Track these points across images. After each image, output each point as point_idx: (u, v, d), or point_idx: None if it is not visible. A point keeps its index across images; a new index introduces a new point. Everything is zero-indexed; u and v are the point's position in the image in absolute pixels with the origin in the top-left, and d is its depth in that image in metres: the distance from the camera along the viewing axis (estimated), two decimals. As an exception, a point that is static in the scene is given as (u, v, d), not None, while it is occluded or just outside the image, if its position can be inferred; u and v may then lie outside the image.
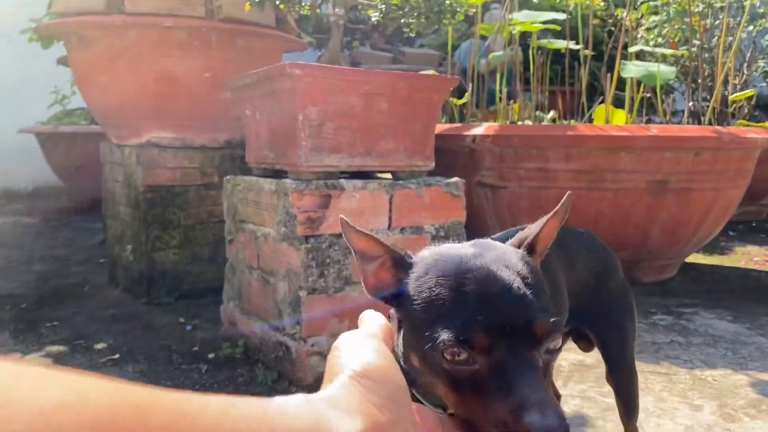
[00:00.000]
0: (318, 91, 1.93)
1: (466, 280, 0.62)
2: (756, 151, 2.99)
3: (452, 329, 0.59)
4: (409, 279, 0.66)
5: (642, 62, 3.18)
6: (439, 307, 0.62)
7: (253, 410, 0.39)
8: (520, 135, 2.85)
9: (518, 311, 0.61)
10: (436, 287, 0.63)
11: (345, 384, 0.47)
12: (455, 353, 0.59)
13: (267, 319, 2.09)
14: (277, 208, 1.97)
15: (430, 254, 0.68)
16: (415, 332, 0.63)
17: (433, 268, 0.64)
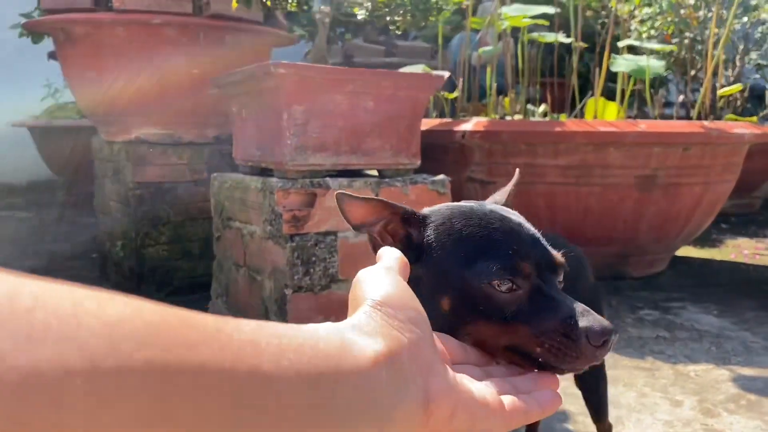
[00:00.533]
0: (303, 90, 1.93)
1: (491, 220, 0.67)
2: (744, 146, 3.00)
3: (497, 260, 0.63)
4: (428, 229, 0.68)
5: (632, 56, 3.18)
6: (474, 245, 0.65)
7: (287, 330, 0.42)
8: (509, 131, 2.85)
9: (540, 244, 0.67)
10: (466, 228, 0.66)
11: (367, 311, 0.51)
12: (500, 282, 0.63)
13: (253, 316, 2.09)
14: (262, 206, 1.98)
15: (437, 208, 0.71)
16: (445, 275, 0.66)
17: (454, 215, 0.68)
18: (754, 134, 2.87)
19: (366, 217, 0.68)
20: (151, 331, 0.33)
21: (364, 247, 2.18)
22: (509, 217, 0.69)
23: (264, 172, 2.13)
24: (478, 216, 0.68)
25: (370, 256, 1.59)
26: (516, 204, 2.73)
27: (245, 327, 0.39)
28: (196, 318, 0.37)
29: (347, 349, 0.45)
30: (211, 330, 0.37)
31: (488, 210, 0.69)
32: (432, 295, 0.66)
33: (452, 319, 0.65)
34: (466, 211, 0.69)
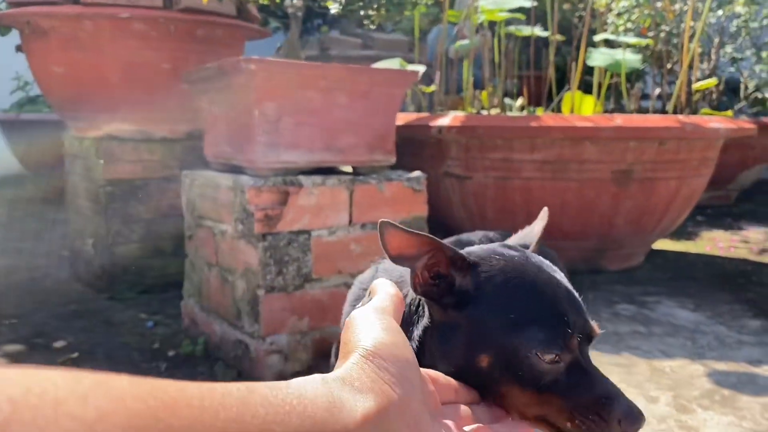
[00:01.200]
0: (274, 86, 1.89)
1: (543, 280, 0.65)
2: (719, 140, 3.01)
3: (549, 331, 0.62)
4: (478, 278, 0.65)
5: (608, 49, 3.18)
6: (525, 308, 0.63)
7: (273, 395, 0.41)
8: (485, 126, 2.83)
9: (584, 313, 0.66)
10: (519, 288, 0.64)
11: (358, 362, 0.50)
12: (546, 352, 0.61)
13: (226, 317, 2.06)
14: (234, 204, 1.94)
15: (486, 254, 0.68)
16: (490, 333, 0.63)
17: (507, 270, 0.65)
18: (729, 129, 2.88)
19: (406, 250, 0.65)
20: (134, 424, 0.33)
21: (339, 246, 2.15)
22: (557, 277, 0.67)
23: (235, 169, 2.09)
24: (530, 273, 0.66)
25: (345, 256, 1.56)
26: (493, 199, 2.72)
27: (230, 401, 0.39)
28: (180, 400, 0.36)
29: (336, 411, 0.44)
30: (196, 412, 0.36)
31: (536, 266, 0.67)
32: (471, 348, 0.64)
33: (487, 377, 0.63)
34: (518, 266, 0.66)
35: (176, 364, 2.11)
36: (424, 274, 0.67)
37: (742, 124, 3.04)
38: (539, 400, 0.62)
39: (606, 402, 0.61)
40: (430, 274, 0.67)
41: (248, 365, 1.95)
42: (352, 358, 0.51)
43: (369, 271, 1.14)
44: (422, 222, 2.18)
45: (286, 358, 1.93)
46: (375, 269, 1.15)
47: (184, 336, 2.28)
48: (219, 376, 2.00)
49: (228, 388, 0.40)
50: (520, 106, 3.57)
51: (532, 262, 0.67)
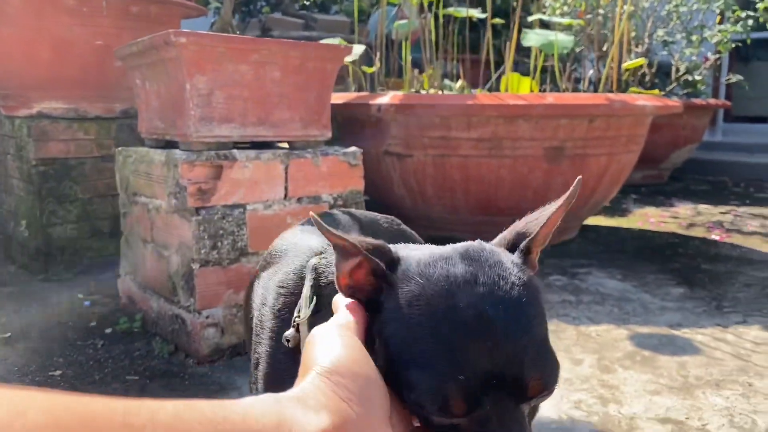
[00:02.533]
0: (205, 60, 1.89)
1: (453, 321, 0.54)
2: (647, 117, 3.13)
3: (428, 387, 0.52)
4: (390, 297, 0.58)
5: (543, 31, 3.26)
6: (417, 351, 0.54)
7: (212, 413, 0.38)
8: (423, 104, 2.88)
9: (509, 366, 0.53)
10: (418, 325, 0.54)
11: (314, 380, 0.47)
12: (430, 412, 0.53)
13: (162, 292, 2.07)
14: (167, 179, 1.94)
15: (416, 268, 0.58)
16: (387, 361, 0.56)
17: (417, 296, 0.56)
18: (656, 106, 3.00)
19: (342, 246, 0.60)
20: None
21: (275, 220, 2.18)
22: (484, 318, 0.53)
23: (169, 144, 2.08)
24: (446, 307, 0.54)
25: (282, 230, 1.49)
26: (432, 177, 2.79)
27: (162, 417, 0.35)
28: (101, 414, 0.32)
29: (284, 428, 0.41)
30: (117, 428, 0.32)
31: (465, 299, 0.54)
32: (379, 362, 0.56)
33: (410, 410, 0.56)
34: (434, 297, 0.55)
35: (113, 340, 2.10)
36: (353, 274, 0.60)
37: (668, 102, 3.17)
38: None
39: None
40: (359, 276, 0.60)
41: (185, 339, 1.96)
42: (309, 377, 0.48)
43: (289, 232, 1.09)
44: (359, 196, 2.22)
45: (222, 331, 1.94)
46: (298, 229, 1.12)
47: (122, 314, 2.27)
48: (156, 350, 2.01)
49: (162, 403, 0.36)
50: (459, 88, 3.63)
51: (461, 294, 0.55)
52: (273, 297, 0.84)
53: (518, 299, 0.55)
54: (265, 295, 0.88)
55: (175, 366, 1.93)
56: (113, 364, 1.94)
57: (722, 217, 4.18)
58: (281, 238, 1.03)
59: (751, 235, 3.64)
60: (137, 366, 1.93)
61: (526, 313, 0.55)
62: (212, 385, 1.82)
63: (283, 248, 0.96)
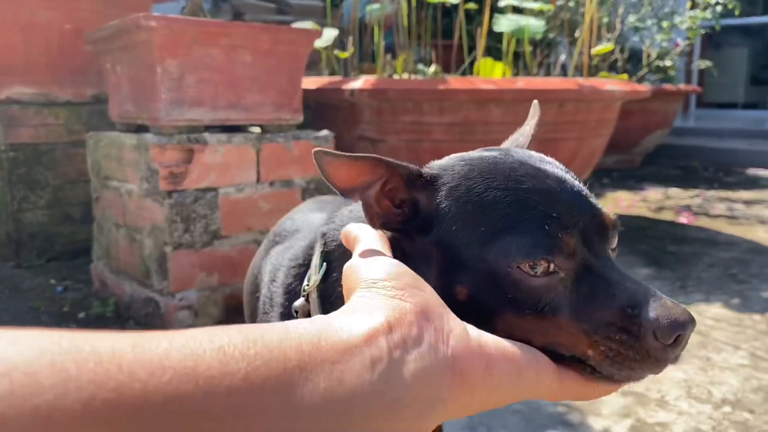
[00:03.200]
0: (176, 44, 1.90)
1: (520, 176, 0.53)
2: (616, 102, 3.18)
3: (528, 235, 0.49)
4: (439, 193, 0.55)
5: (515, 16, 3.29)
6: (497, 213, 0.51)
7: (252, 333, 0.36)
8: (396, 89, 2.90)
9: (585, 205, 0.53)
10: (488, 189, 0.52)
11: (360, 294, 0.46)
12: (533, 264, 0.49)
13: (135, 276, 2.07)
14: (139, 163, 1.94)
15: (450, 162, 0.58)
16: (460, 255, 0.52)
17: (472, 172, 0.54)
18: (624, 91, 3.05)
19: (356, 179, 0.54)
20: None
21: (248, 204, 2.19)
22: (544, 168, 0.55)
23: (140, 128, 2.08)
24: (504, 171, 0.53)
25: (254, 213, 1.44)
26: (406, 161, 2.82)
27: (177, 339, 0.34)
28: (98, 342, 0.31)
29: (326, 335, 0.39)
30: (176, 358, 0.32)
31: (517, 161, 0.55)
32: (444, 279, 0.53)
33: (471, 312, 0.50)
34: (487, 165, 0.55)
35: (86, 325, 2.10)
36: (381, 203, 0.56)
37: (636, 87, 3.22)
38: (543, 326, 0.49)
39: (634, 312, 0.47)
40: (388, 201, 0.56)
41: (159, 322, 1.97)
42: (355, 294, 0.47)
43: (297, 211, 1.08)
44: (331, 180, 2.24)
45: (196, 313, 1.96)
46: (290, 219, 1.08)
47: (95, 298, 2.27)
48: (130, 334, 2.02)
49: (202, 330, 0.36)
50: (434, 73, 3.65)
51: (508, 160, 0.55)
52: (284, 272, 0.81)
53: (560, 164, 0.60)
54: (275, 272, 0.85)
55: (148, 349, 1.94)
56: (87, 347, 1.95)
57: (691, 200, 4.27)
58: (290, 217, 1.02)
59: (717, 217, 3.73)
60: (111, 349, 1.94)
61: (570, 172, 0.59)
62: (186, 366, 1.84)
63: (293, 227, 0.95)
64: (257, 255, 1.02)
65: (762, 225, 3.54)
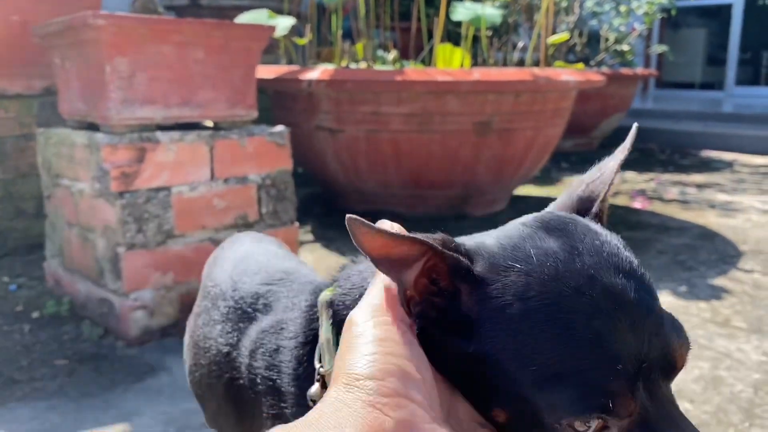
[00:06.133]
0: (126, 42, 1.87)
1: (586, 303, 0.45)
2: (571, 91, 3.23)
3: (584, 389, 0.43)
4: (482, 299, 0.47)
5: (471, 4, 3.30)
6: (555, 353, 0.44)
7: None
8: (353, 79, 2.90)
9: (659, 339, 0.46)
10: (548, 321, 0.44)
11: (337, 395, 0.41)
12: (587, 422, 0.43)
13: (90, 275, 2.06)
14: (90, 163, 1.92)
15: (502, 253, 0.48)
16: (503, 384, 0.46)
17: (531, 289, 0.46)
18: (579, 81, 3.10)
19: (394, 252, 0.48)
20: None
21: (201, 202, 2.18)
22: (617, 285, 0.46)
23: (92, 126, 2.06)
24: (567, 291, 0.45)
25: (208, 212, 1.38)
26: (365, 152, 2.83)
27: None
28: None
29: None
30: None
31: (586, 271, 0.46)
32: (481, 394, 0.48)
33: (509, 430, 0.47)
34: (549, 278, 0.46)
35: (41, 325, 2.09)
36: (420, 284, 0.49)
37: (590, 76, 3.28)
38: None
39: None
40: (428, 286, 0.49)
41: (114, 322, 1.97)
42: (332, 392, 0.42)
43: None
44: (287, 175, 2.24)
45: (151, 313, 1.96)
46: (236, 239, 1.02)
47: (49, 297, 2.25)
48: (85, 334, 2.01)
49: None
50: (393, 60, 3.65)
51: (575, 267, 0.46)
52: (287, 356, 0.68)
53: (632, 264, 0.48)
54: (272, 356, 0.70)
55: (104, 349, 1.94)
56: (41, 348, 1.94)
57: (646, 185, 4.37)
58: (237, 278, 0.84)
59: (671, 202, 3.83)
60: (66, 350, 1.93)
61: (644, 276, 0.49)
62: (142, 366, 1.84)
63: (265, 290, 0.79)
64: (211, 324, 0.84)
65: (712, 209, 3.65)
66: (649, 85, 9.27)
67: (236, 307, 0.80)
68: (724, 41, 8.90)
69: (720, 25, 9.20)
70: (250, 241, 1.00)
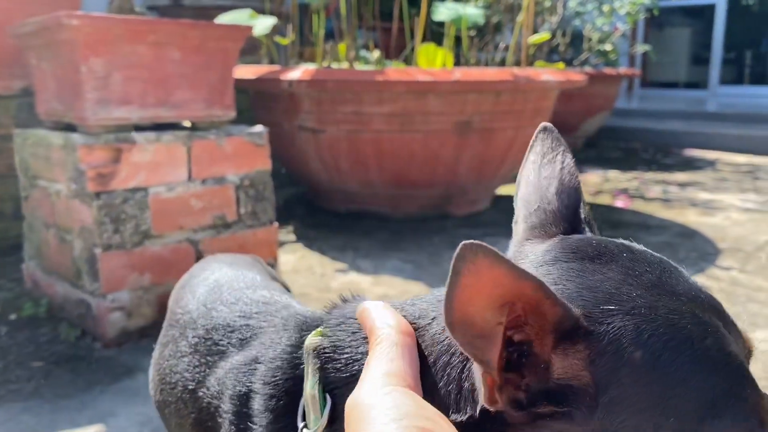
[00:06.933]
0: (101, 42, 1.86)
1: (690, 324, 0.41)
2: (551, 91, 3.25)
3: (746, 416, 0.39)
4: (599, 357, 0.39)
5: (453, 4, 3.31)
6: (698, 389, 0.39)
7: None
8: (334, 79, 2.90)
9: (741, 337, 0.45)
10: (676, 360, 0.39)
11: None
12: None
13: (67, 276, 2.05)
14: (66, 163, 1.91)
15: (603, 303, 0.41)
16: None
17: (644, 331, 0.40)
18: (560, 81, 3.12)
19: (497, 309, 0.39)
20: None
21: (179, 203, 2.19)
22: (704, 298, 0.44)
23: (68, 127, 2.05)
24: (679, 320, 0.41)
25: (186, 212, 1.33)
26: (346, 151, 2.84)
27: None
28: None
29: None
30: None
31: (680, 298, 0.43)
32: None
33: None
34: (658, 315, 0.41)
35: (18, 326, 2.08)
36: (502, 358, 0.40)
37: (571, 76, 3.30)
38: None
39: None
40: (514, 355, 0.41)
41: (91, 323, 1.97)
42: None
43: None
44: (266, 176, 2.24)
45: (129, 314, 1.95)
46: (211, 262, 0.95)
47: (27, 298, 2.24)
48: (63, 335, 2.00)
49: None
50: (376, 60, 3.65)
51: (656, 287, 0.43)
52: (262, 408, 0.58)
53: (677, 267, 0.47)
54: (243, 401, 0.61)
55: (81, 350, 1.93)
56: (18, 350, 1.93)
57: (628, 183, 4.40)
58: (211, 305, 0.76)
59: (653, 201, 3.86)
60: (43, 352, 1.92)
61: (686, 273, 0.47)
62: (119, 367, 1.84)
63: (244, 324, 0.70)
64: (178, 356, 0.76)
65: (693, 207, 3.68)
66: (634, 84, 9.32)
67: (206, 338, 0.72)
68: (708, 41, 8.97)
69: (704, 24, 9.28)
70: (227, 266, 0.91)
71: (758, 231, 3.18)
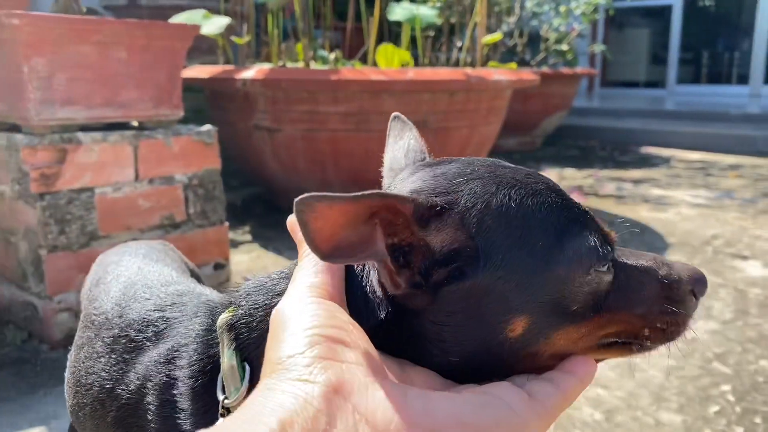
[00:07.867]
0: (43, 42, 1.84)
1: (532, 181, 0.51)
2: (504, 91, 3.29)
3: (591, 236, 0.49)
4: (465, 222, 0.47)
5: (408, 5, 3.34)
6: (548, 223, 0.48)
7: None
8: (288, 79, 2.91)
9: None
10: (523, 203, 0.48)
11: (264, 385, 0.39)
12: (605, 264, 0.49)
13: (13, 279, 2.03)
14: (9, 164, 1.89)
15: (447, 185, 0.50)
16: (520, 282, 0.46)
17: (491, 188, 0.49)
18: (511, 80, 3.17)
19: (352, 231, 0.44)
20: None
21: (126, 203, 2.17)
22: (545, 181, 0.53)
23: (14, 128, 2.02)
24: (514, 177, 0.51)
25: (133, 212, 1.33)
26: (303, 151, 2.84)
27: None
28: None
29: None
30: None
31: (509, 165, 0.53)
32: (491, 319, 0.47)
33: (521, 343, 0.48)
34: (497, 176, 0.50)
35: (-38, 331, 2.05)
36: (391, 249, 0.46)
37: (523, 75, 3.35)
38: (601, 325, 0.49)
39: (670, 281, 0.51)
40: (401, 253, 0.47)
41: (38, 326, 1.94)
42: (260, 384, 0.40)
43: (117, 249, 1.06)
44: (216, 175, 2.24)
45: (76, 315, 1.94)
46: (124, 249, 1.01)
47: (-27, 302, 2.21)
48: (9, 338, 1.98)
49: None
50: (335, 59, 3.66)
51: (501, 164, 0.54)
52: (184, 392, 0.60)
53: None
54: (164, 390, 0.63)
55: (27, 353, 1.91)
56: (-39, 355, 1.90)
57: (584, 181, 4.48)
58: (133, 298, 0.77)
59: (606, 197, 3.94)
60: (-13, 355, 1.90)
61: None
62: (64, 370, 1.82)
63: (159, 317, 0.71)
64: (94, 357, 0.76)
65: (646, 203, 3.77)
66: (594, 83, 9.48)
67: (122, 335, 0.73)
68: (666, 41, 9.17)
69: (662, 25, 9.48)
70: (140, 260, 0.93)
71: (706, 225, 3.27)
